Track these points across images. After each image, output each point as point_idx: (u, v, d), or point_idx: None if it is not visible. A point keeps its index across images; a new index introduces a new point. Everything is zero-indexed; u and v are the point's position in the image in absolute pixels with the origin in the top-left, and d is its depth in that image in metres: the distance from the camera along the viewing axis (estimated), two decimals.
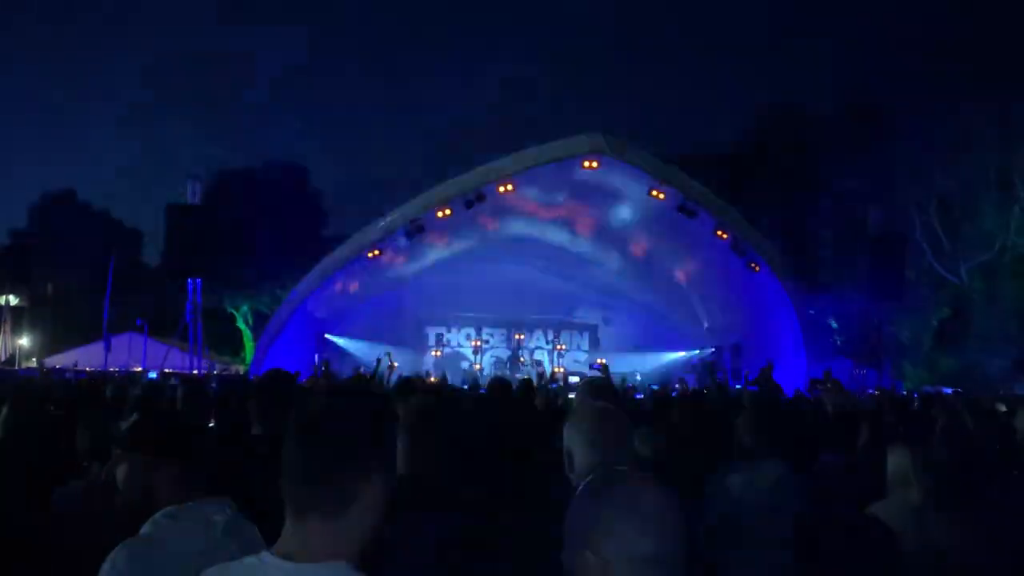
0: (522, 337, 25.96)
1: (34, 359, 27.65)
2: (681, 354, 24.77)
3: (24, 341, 32.60)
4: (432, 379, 15.83)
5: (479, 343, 26.07)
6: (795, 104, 36.00)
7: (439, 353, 25.70)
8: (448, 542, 2.19)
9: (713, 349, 23.89)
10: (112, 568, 1.86)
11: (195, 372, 18.42)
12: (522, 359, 24.83)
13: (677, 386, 13.34)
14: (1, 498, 3.04)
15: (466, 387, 11.58)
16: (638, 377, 22.73)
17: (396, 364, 11.75)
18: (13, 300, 34.42)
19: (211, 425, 4.55)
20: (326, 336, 23.44)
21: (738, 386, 12.98)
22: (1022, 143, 24.92)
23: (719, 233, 21.33)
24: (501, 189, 20.77)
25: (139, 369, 19.22)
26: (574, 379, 14.35)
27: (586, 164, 20.37)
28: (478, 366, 24.91)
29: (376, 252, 21.47)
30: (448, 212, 21.05)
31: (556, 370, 24.00)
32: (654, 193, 20.66)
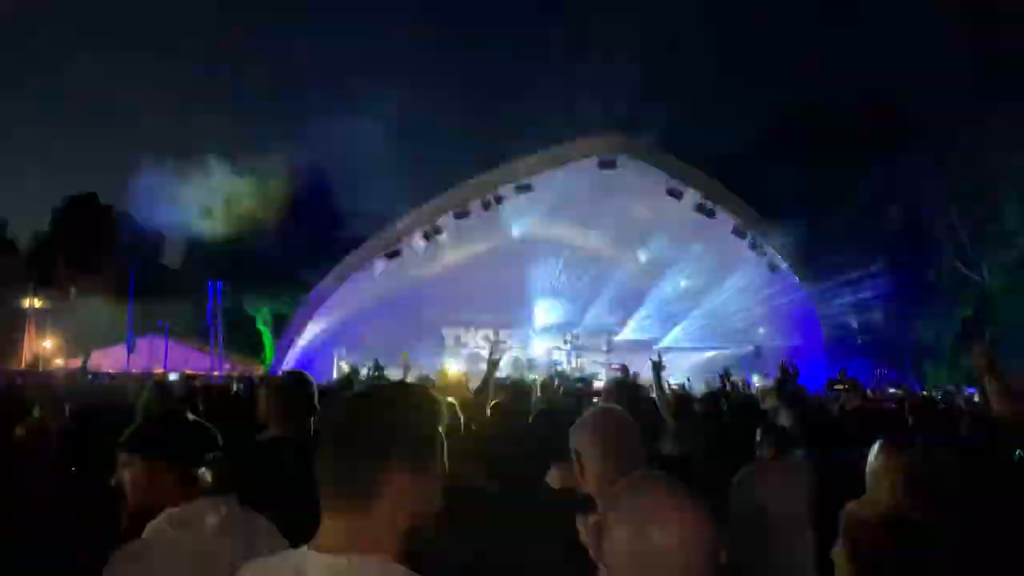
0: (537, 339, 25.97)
1: (58, 360, 27.96)
2: (701, 355, 24.65)
3: (48, 344, 32.98)
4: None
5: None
6: (815, 102, 35.75)
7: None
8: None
9: (732, 350, 23.76)
10: (109, 574, 1.89)
11: (215, 373, 18.58)
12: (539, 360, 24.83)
13: (696, 387, 13.29)
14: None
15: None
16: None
17: (409, 363, 11.72)
18: (37, 303, 34.82)
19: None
20: (344, 336, 23.53)
21: (756, 386, 12.93)
22: None
23: (738, 233, 21.26)
24: (518, 190, 20.83)
25: (160, 371, 19.40)
26: (598, 384, 14.28)
27: (603, 163, 20.41)
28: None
29: (394, 254, 21.62)
30: (466, 214, 21.16)
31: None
32: (673, 193, 20.63)
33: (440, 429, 1.47)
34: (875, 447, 2.89)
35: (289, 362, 21.71)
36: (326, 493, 1.37)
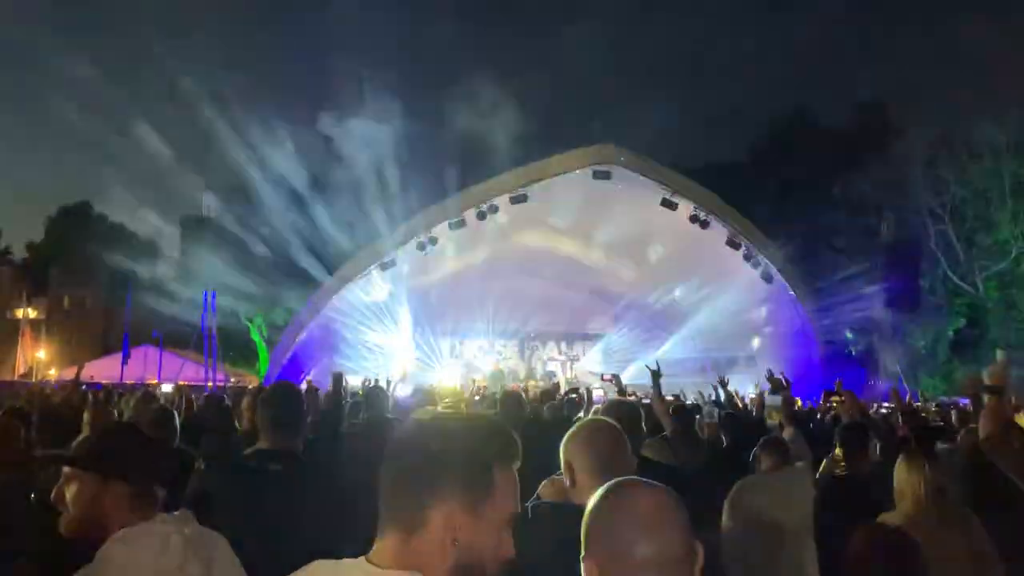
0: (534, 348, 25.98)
1: (51, 371, 27.84)
2: (695, 365, 24.61)
3: (42, 354, 32.86)
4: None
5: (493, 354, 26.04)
6: (808, 114, 35.94)
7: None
8: None
9: (726, 361, 23.73)
10: None
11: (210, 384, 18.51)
12: (535, 371, 24.82)
13: (690, 397, 13.29)
14: None
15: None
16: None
17: (407, 372, 11.59)
18: (31, 313, 34.72)
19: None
20: (339, 346, 23.48)
21: (750, 397, 12.91)
22: None
23: (732, 243, 21.29)
24: (513, 200, 20.84)
25: (154, 381, 19.32)
26: (598, 394, 14.20)
27: (598, 174, 20.44)
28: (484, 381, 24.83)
29: (389, 265, 21.59)
30: (461, 224, 21.16)
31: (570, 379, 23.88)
32: (667, 204, 20.66)
33: (508, 466, 1.42)
34: (899, 460, 2.92)
35: (284, 373, 21.64)
36: (380, 511, 1.40)
